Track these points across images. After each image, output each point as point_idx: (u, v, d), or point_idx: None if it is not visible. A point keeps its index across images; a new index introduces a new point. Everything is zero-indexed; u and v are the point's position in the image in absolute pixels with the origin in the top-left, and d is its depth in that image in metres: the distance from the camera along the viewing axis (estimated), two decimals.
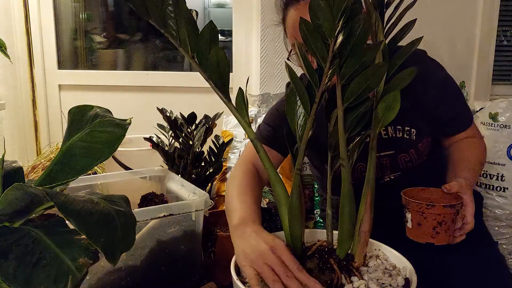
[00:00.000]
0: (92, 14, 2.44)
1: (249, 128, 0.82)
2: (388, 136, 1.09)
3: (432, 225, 0.84)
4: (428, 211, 0.83)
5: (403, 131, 1.09)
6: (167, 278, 1.04)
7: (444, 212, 0.83)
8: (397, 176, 1.12)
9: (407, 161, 1.10)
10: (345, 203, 0.81)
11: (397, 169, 1.12)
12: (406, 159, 1.10)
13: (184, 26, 0.76)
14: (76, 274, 0.52)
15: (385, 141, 1.09)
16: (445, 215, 0.83)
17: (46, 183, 0.61)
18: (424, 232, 0.85)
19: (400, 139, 1.09)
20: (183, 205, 1.02)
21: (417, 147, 1.10)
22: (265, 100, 1.97)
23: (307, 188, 1.74)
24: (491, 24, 2.10)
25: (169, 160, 1.37)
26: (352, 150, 0.80)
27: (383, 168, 1.11)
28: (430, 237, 0.85)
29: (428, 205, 0.83)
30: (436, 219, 0.83)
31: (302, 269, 0.74)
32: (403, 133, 1.09)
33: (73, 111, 0.71)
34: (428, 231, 0.84)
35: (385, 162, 1.11)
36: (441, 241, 0.85)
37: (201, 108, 1.54)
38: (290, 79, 0.77)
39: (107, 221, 0.54)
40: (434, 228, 0.84)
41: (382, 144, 1.07)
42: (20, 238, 0.54)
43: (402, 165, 1.11)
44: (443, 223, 0.83)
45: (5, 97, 2.10)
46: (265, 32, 2.00)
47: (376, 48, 0.74)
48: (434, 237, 0.84)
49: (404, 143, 1.09)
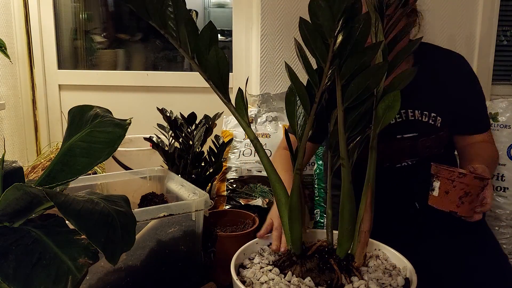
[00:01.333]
0: (92, 14, 2.44)
1: (248, 128, 0.82)
2: (414, 118, 1.13)
3: (459, 194, 0.88)
4: (459, 179, 0.87)
5: (429, 116, 1.13)
6: (167, 278, 1.04)
7: (473, 184, 0.87)
8: (413, 162, 1.15)
9: (427, 146, 1.13)
10: (345, 202, 0.81)
11: (415, 155, 1.14)
12: (427, 143, 1.13)
13: (184, 27, 0.76)
14: (76, 274, 0.52)
15: (410, 123, 1.13)
16: (473, 186, 0.87)
17: (46, 183, 0.61)
18: (450, 200, 0.89)
19: (425, 124, 1.13)
20: (183, 205, 1.02)
21: (438, 135, 1.14)
22: (265, 100, 1.97)
23: (307, 188, 1.74)
24: (491, 24, 2.10)
25: (169, 160, 1.37)
26: (352, 150, 0.80)
27: (402, 151, 1.14)
28: (455, 205, 0.88)
29: (460, 174, 0.87)
30: (464, 189, 0.87)
31: None
32: (429, 119, 1.13)
33: (73, 111, 0.71)
34: (454, 200, 0.88)
35: (406, 145, 1.13)
36: (464, 212, 0.88)
37: (201, 108, 1.54)
38: (290, 79, 0.77)
39: (107, 221, 0.54)
40: (461, 197, 0.88)
41: (407, 125, 1.12)
42: (20, 238, 0.54)
43: (421, 150, 1.14)
44: (469, 195, 0.87)
45: (5, 97, 2.10)
46: (265, 32, 2.00)
47: (376, 48, 0.74)
48: (458, 207, 0.88)
49: (427, 127, 1.13)
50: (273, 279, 0.81)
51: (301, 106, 0.80)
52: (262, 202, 1.43)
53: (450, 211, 0.89)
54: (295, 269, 0.81)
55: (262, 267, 0.86)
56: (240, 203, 1.45)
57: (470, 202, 0.88)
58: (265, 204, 1.43)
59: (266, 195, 1.50)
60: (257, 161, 1.67)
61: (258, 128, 1.85)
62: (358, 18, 0.70)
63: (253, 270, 0.84)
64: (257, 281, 0.81)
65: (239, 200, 1.47)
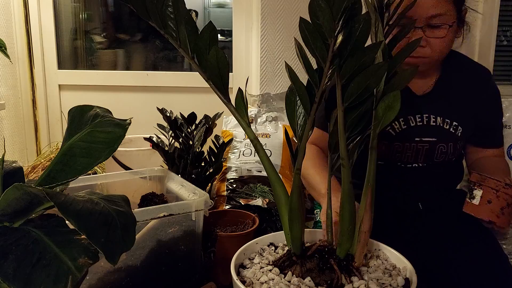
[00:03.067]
0: (92, 14, 2.44)
1: (248, 128, 0.82)
2: (435, 124, 1.14)
3: (501, 205, 0.88)
4: (504, 190, 0.88)
5: (450, 124, 1.15)
6: (167, 278, 1.04)
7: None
8: (425, 165, 1.17)
9: (443, 152, 1.15)
10: (345, 202, 0.81)
11: (429, 159, 1.16)
12: (443, 149, 1.15)
13: (183, 27, 0.76)
14: (76, 274, 0.52)
15: (431, 128, 1.14)
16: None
17: (46, 183, 0.61)
18: (491, 209, 0.89)
19: (446, 131, 1.15)
20: (183, 205, 1.02)
21: (456, 143, 1.16)
22: (265, 100, 1.97)
23: None
24: (491, 24, 2.10)
25: (169, 160, 1.37)
26: (352, 150, 0.80)
27: (418, 153, 1.15)
28: (496, 216, 0.89)
29: (507, 185, 0.88)
30: (508, 200, 0.88)
31: None
32: (450, 127, 1.15)
33: (73, 111, 0.71)
34: (496, 210, 0.89)
35: (423, 148, 1.15)
36: (502, 223, 0.89)
37: (201, 108, 1.54)
38: (290, 79, 0.77)
39: (107, 221, 0.54)
40: (502, 208, 0.88)
41: (427, 130, 1.14)
42: (20, 238, 0.54)
43: (437, 155, 1.15)
44: (510, 206, 0.88)
45: (5, 97, 2.10)
46: (265, 32, 2.00)
47: (376, 48, 0.74)
48: (498, 217, 0.89)
49: (448, 135, 1.15)
50: (273, 279, 0.81)
51: (301, 106, 0.80)
52: (262, 202, 1.43)
53: (489, 221, 0.89)
54: (295, 269, 0.81)
55: (262, 267, 0.86)
56: (240, 203, 1.45)
57: (510, 213, 0.88)
58: (265, 204, 1.43)
59: (266, 195, 1.50)
60: (257, 161, 1.67)
61: (258, 128, 1.85)
62: (358, 18, 0.70)
63: (253, 270, 0.84)
64: (257, 281, 0.81)
65: (239, 200, 1.47)
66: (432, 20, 1.03)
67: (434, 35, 1.05)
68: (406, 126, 1.15)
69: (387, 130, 1.14)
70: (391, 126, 1.14)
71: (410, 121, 1.15)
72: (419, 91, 1.16)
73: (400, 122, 1.15)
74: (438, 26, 1.04)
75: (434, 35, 1.05)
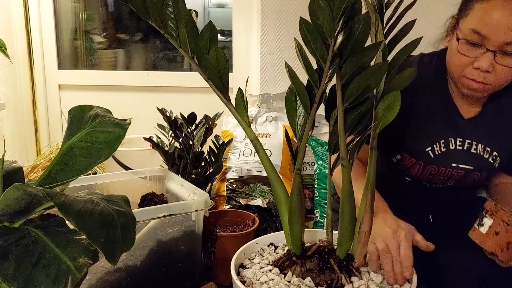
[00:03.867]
0: (92, 14, 2.44)
1: (248, 128, 0.82)
2: (476, 152, 1.08)
3: (508, 240, 0.84)
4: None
5: (490, 154, 1.08)
6: (167, 278, 1.04)
7: None
8: (449, 186, 1.13)
9: (475, 180, 1.10)
10: (345, 203, 0.81)
11: (459, 183, 1.11)
12: (476, 178, 1.10)
13: (184, 27, 0.76)
14: (76, 274, 0.52)
15: (470, 155, 1.08)
16: None
17: (46, 183, 0.61)
18: (497, 242, 0.85)
19: (485, 160, 1.08)
20: (183, 205, 1.02)
21: (489, 173, 1.10)
22: (265, 100, 1.97)
23: (307, 188, 1.74)
24: None
25: (169, 160, 1.37)
26: (352, 150, 0.80)
27: (450, 178, 1.10)
28: (500, 249, 0.85)
29: None
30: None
31: (411, 257, 0.84)
32: (490, 156, 1.08)
33: (73, 111, 0.71)
34: (502, 243, 0.85)
35: (457, 174, 1.09)
36: (504, 258, 0.86)
37: (201, 108, 1.54)
38: (290, 79, 0.77)
39: (107, 221, 0.54)
40: (508, 243, 0.84)
41: (466, 156, 1.07)
42: (20, 238, 0.54)
43: (467, 182, 1.10)
44: None
45: (5, 97, 2.10)
46: (265, 32, 2.00)
47: (376, 48, 0.74)
48: (503, 251, 0.85)
49: (485, 164, 1.08)
50: (273, 279, 0.81)
51: (301, 106, 0.80)
52: (262, 202, 1.43)
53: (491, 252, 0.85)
54: (295, 269, 0.81)
55: (262, 267, 0.86)
56: (240, 203, 1.45)
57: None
58: (265, 204, 1.43)
59: (266, 195, 1.50)
60: (257, 161, 1.67)
61: (258, 128, 1.85)
62: (358, 18, 0.70)
63: (253, 270, 0.84)
64: (257, 281, 0.81)
65: (239, 200, 1.47)
66: (508, 47, 0.91)
67: (505, 63, 0.93)
68: (446, 149, 1.08)
69: (427, 151, 1.08)
70: (431, 148, 1.08)
71: (450, 144, 1.08)
72: (466, 114, 1.08)
73: (441, 144, 1.08)
74: (511, 54, 0.92)
75: (505, 63, 0.93)
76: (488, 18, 0.91)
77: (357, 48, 0.72)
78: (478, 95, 1.03)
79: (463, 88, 1.01)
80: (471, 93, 1.01)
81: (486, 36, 0.92)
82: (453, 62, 1.00)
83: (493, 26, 0.90)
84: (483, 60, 0.93)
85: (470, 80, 0.97)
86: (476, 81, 0.96)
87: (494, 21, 0.90)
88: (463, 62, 0.97)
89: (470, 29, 0.94)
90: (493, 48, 0.92)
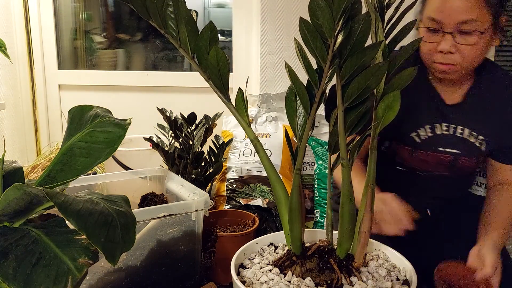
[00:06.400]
0: (92, 14, 2.44)
1: (248, 128, 0.82)
2: (461, 136, 1.12)
3: None
4: None
5: (476, 138, 1.11)
6: (167, 278, 1.04)
7: None
8: (441, 174, 1.15)
9: (465, 166, 1.13)
10: (345, 203, 0.81)
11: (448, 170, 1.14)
12: (465, 163, 1.13)
13: (184, 27, 0.76)
14: (76, 274, 0.52)
15: (457, 139, 1.12)
16: None
17: (46, 183, 0.61)
18: None
19: (471, 144, 1.12)
20: (183, 205, 1.02)
21: (478, 158, 1.13)
22: (265, 100, 1.97)
23: (307, 188, 1.74)
24: None
25: (169, 160, 1.37)
26: (352, 150, 0.80)
27: (438, 163, 1.14)
28: None
29: None
30: None
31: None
32: (476, 140, 1.11)
33: (73, 111, 0.71)
34: None
35: (446, 158, 1.13)
36: None
37: (201, 108, 1.54)
38: (290, 79, 0.77)
39: (107, 221, 0.54)
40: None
41: (452, 141, 1.12)
42: (20, 238, 0.54)
43: (457, 168, 1.13)
44: None
45: (5, 97, 2.10)
46: (265, 32, 2.00)
47: (376, 48, 0.74)
48: None
49: (472, 148, 1.12)
50: (273, 279, 0.81)
51: (301, 106, 0.80)
52: (262, 202, 1.43)
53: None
54: (295, 269, 0.81)
55: (262, 267, 0.86)
56: (240, 203, 1.45)
57: None
58: (265, 204, 1.43)
59: (266, 195, 1.50)
60: (257, 161, 1.67)
61: (258, 128, 1.85)
62: (358, 18, 0.70)
63: (253, 270, 0.84)
64: (257, 281, 0.81)
65: (239, 200, 1.47)
66: (463, 26, 0.99)
67: (465, 41, 1.00)
68: (432, 134, 1.12)
69: (413, 136, 1.12)
70: (416, 133, 1.12)
71: (436, 129, 1.12)
72: (449, 100, 1.13)
73: (427, 129, 1.12)
74: (469, 32, 0.99)
75: (465, 42, 1.00)
76: (440, 5, 1.00)
77: (357, 48, 0.72)
78: (451, 77, 1.07)
79: (436, 73, 1.07)
80: (444, 76, 1.07)
81: (440, 21, 1.00)
82: (422, 50, 1.07)
83: (445, 11, 0.99)
84: (444, 42, 1.01)
85: (439, 64, 1.04)
86: (443, 63, 1.03)
87: (446, 7, 0.99)
88: (429, 49, 1.04)
89: (427, 17, 1.03)
90: (450, 30, 1.00)
